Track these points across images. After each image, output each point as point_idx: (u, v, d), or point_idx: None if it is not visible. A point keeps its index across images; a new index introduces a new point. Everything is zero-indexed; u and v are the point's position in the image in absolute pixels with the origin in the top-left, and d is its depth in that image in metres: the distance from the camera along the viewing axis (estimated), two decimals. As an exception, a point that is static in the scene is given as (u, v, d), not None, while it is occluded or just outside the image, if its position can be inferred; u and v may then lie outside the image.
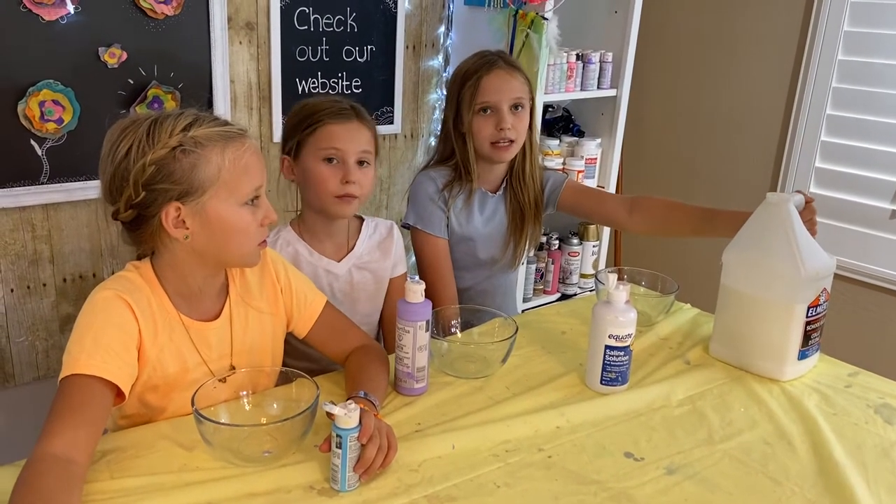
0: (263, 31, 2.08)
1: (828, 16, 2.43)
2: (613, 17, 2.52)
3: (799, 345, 1.35)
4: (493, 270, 1.79)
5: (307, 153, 1.45)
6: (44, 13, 1.71)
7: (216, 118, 1.10)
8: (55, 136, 1.79)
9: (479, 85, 1.62)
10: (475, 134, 1.65)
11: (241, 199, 1.08)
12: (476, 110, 1.63)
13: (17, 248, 1.82)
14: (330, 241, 1.55)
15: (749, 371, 1.39)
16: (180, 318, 1.13)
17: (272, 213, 1.13)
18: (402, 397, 1.23)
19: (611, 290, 1.26)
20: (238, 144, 1.08)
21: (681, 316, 1.63)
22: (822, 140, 2.51)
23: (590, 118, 2.65)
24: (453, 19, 2.46)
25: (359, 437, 0.97)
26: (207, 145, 1.04)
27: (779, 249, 1.33)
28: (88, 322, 1.04)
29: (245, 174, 1.07)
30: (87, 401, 0.99)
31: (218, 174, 1.05)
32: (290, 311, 1.26)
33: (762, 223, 1.38)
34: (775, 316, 1.34)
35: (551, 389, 1.29)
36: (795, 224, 1.34)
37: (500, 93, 1.62)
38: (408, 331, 1.20)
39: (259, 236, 1.12)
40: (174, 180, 1.04)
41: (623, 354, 1.27)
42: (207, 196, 1.05)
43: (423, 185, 1.69)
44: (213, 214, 1.06)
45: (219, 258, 1.13)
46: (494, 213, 1.75)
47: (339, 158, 1.44)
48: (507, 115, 1.63)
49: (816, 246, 1.35)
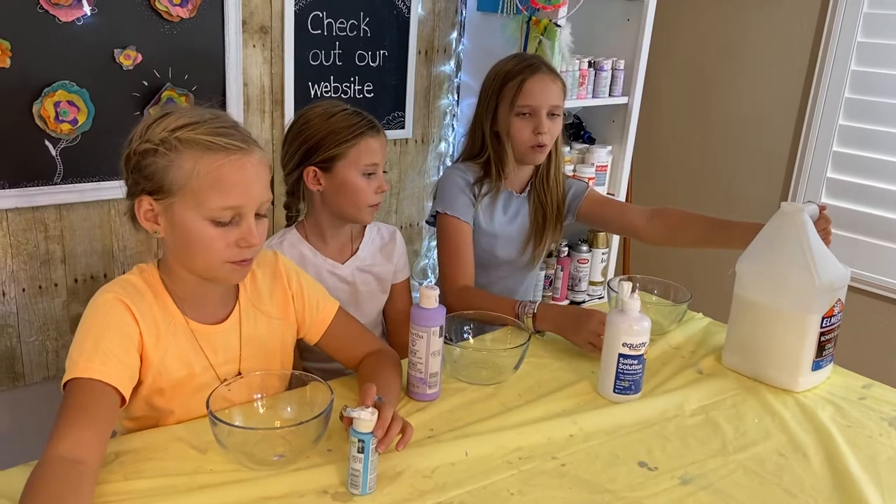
0: (277, 35, 2.08)
1: (841, 26, 2.43)
2: (626, 24, 2.52)
3: (813, 355, 1.34)
4: (510, 271, 1.80)
5: (345, 166, 1.47)
6: (60, 14, 1.72)
7: (221, 126, 1.06)
8: (69, 136, 1.80)
9: (522, 87, 1.63)
10: (513, 135, 1.66)
11: (207, 214, 1.04)
12: (516, 112, 1.64)
13: (30, 247, 1.82)
14: (335, 243, 1.57)
15: (762, 381, 1.38)
16: (186, 321, 1.13)
17: (252, 237, 1.06)
18: (414, 403, 1.23)
19: (625, 299, 1.26)
20: (218, 157, 1.03)
21: (693, 325, 1.62)
22: (833, 150, 2.51)
23: (601, 125, 2.65)
24: (466, 25, 2.46)
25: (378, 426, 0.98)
26: (184, 151, 1.03)
27: (793, 259, 1.32)
28: (89, 326, 1.05)
29: (215, 189, 1.03)
30: (91, 403, 0.99)
31: (187, 182, 1.03)
32: (302, 317, 1.26)
33: (776, 233, 1.37)
34: (789, 326, 1.34)
35: (564, 397, 1.29)
36: (810, 234, 1.33)
37: (541, 97, 1.64)
38: (421, 336, 1.20)
39: (229, 255, 1.06)
40: (146, 175, 1.05)
41: (637, 363, 1.26)
42: (176, 199, 1.04)
43: (454, 177, 1.71)
44: (178, 219, 1.06)
45: (187, 265, 1.10)
46: (518, 213, 1.76)
47: (375, 171, 1.49)
48: (545, 120, 1.64)
49: (831, 256, 1.35)
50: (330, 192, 1.50)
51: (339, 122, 1.47)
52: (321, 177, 1.49)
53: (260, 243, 1.08)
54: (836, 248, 1.42)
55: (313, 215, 1.56)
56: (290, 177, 1.54)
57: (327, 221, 1.54)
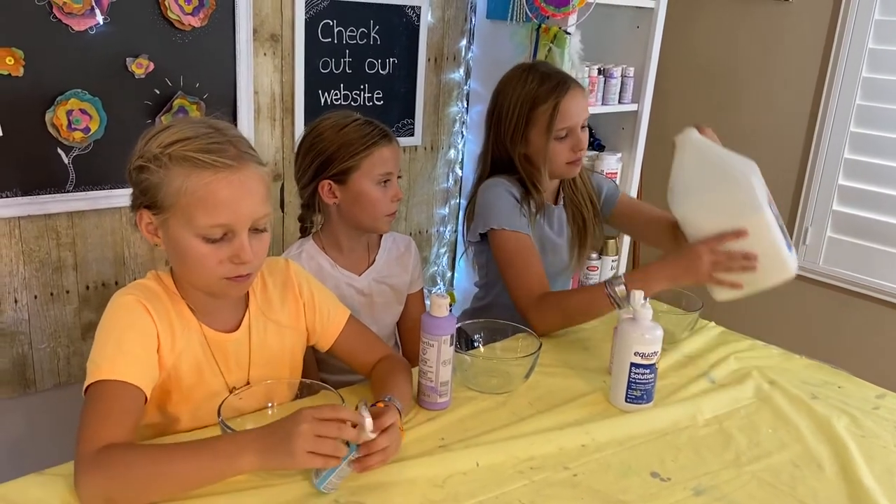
0: (288, 44, 2.09)
1: (852, 33, 2.42)
2: (635, 32, 2.52)
3: (783, 241, 1.37)
4: (558, 280, 1.76)
5: (360, 177, 1.46)
6: (73, 23, 1.73)
7: (214, 142, 1.04)
8: (82, 144, 1.81)
9: (558, 110, 1.57)
10: (551, 158, 1.61)
11: (197, 231, 1.03)
12: (554, 136, 1.59)
13: (42, 255, 1.83)
14: (352, 254, 1.56)
15: (763, 289, 1.39)
16: (200, 327, 1.13)
17: (246, 253, 1.04)
18: (425, 412, 1.23)
19: (637, 308, 1.25)
20: (206, 175, 1.02)
21: (705, 334, 1.61)
22: (845, 157, 2.49)
23: (610, 132, 2.64)
24: (475, 32, 2.46)
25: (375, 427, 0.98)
26: (174, 168, 1.02)
27: (713, 176, 1.36)
28: (109, 328, 1.05)
29: (202, 207, 1.02)
30: (117, 405, 0.99)
31: (177, 199, 1.03)
32: (313, 325, 1.25)
33: (685, 166, 1.41)
34: (752, 234, 1.34)
35: (575, 406, 1.28)
36: (709, 146, 1.40)
37: (577, 115, 1.60)
38: (432, 345, 1.20)
39: (224, 271, 1.06)
40: (143, 190, 1.06)
41: (649, 372, 1.26)
42: (169, 215, 1.05)
43: (501, 191, 1.61)
44: (172, 235, 1.06)
45: (186, 278, 1.11)
46: (561, 223, 1.73)
47: (389, 179, 1.49)
48: (581, 135, 1.61)
49: (730, 153, 1.39)
50: (346, 204, 1.49)
51: (351, 133, 1.47)
52: (336, 189, 1.48)
53: (255, 260, 1.07)
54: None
55: (330, 226, 1.55)
56: (304, 190, 1.53)
57: (344, 233, 1.54)
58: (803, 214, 2.60)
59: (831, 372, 1.49)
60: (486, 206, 1.62)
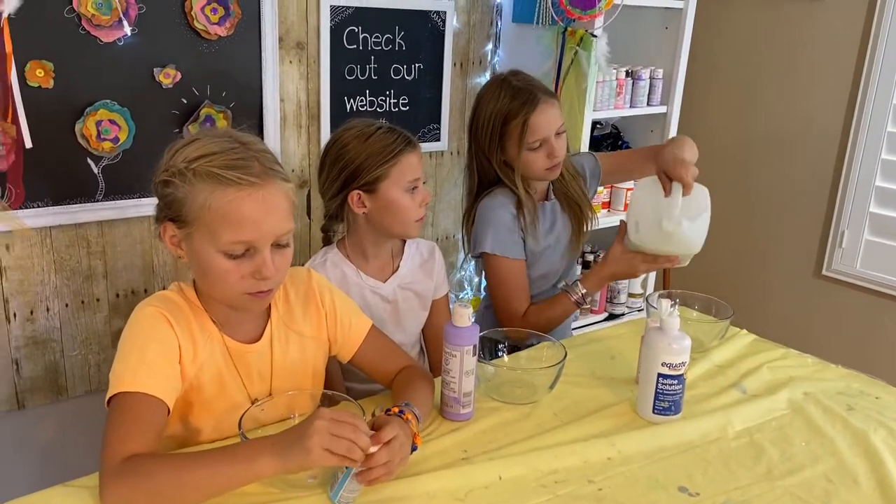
0: (313, 51, 2.10)
1: (888, 31, 2.35)
2: (664, 33, 2.48)
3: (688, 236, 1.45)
4: (565, 267, 1.81)
5: (389, 185, 1.46)
6: (101, 35, 1.75)
7: (239, 158, 1.04)
8: (111, 154, 1.83)
9: (528, 125, 1.60)
10: (528, 165, 1.65)
11: (220, 247, 1.03)
12: (527, 149, 1.63)
13: (73, 263, 1.86)
14: (376, 262, 1.55)
15: None
16: (223, 338, 1.13)
17: (268, 269, 1.04)
18: (448, 423, 1.21)
19: (664, 316, 1.23)
20: (230, 192, 1.01)
21: (736, 342, 1.58)
22: (882, 158, 2.42)
23: (639, 135, 2.61)
24: (501, 37, 2.45)
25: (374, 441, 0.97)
26: (198, 184, 1.02)
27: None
28: (132, 339, 1.06)
29: (226, 224, 1.02)
30: (140, 417, 1.00)
31: (200, 214, 1.03)
32: (334, 336, 1.25)
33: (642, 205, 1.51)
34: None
35: (601, 417, 1.26)
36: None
37: (548, 127, 1.62)
38: (455, 355, 1.19)
39: (245, 286, 1.06)
40: (167, 203, 1.06)
41: (677, 383, 1.23)
42: (193, 230, 1.05)
43: (499, 214, 1.66)
44: (195, 249, 1.06)
45: (208, 292, 1.11)
46: (554, 218, 1.76)
47: (417, 185, 1.49)
48: (555, 143, 1.63)
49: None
50: (375, 213, 1.49)
51: (376, 142, 1.46)
52: (366, 199, 1.47)
53: (277, 275, 1.07)
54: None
55: (355, 234, 1.54)
56: (332, 202, 1.52)
57: (370, 240, 1.53)
58: (839, 217, 2.53)
59: (868, 382, 1.45)
60: (481, 226, 1.68)
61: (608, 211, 2.54)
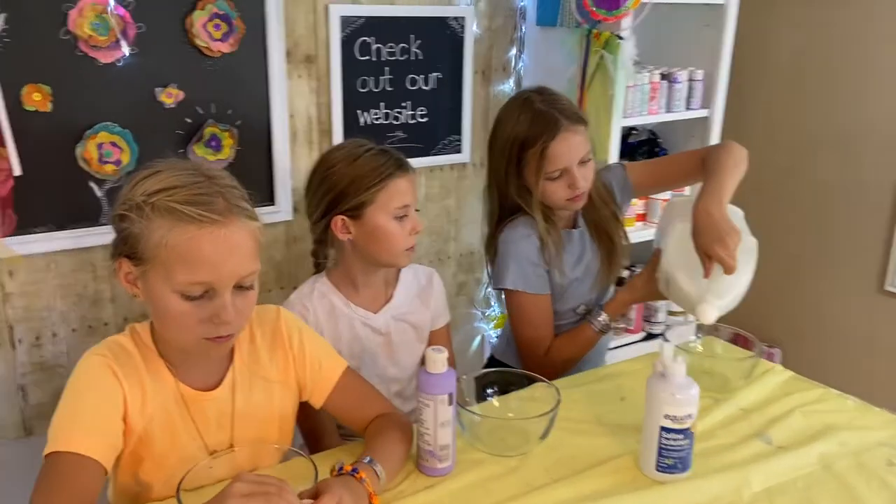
0: (323, 64, 2.02)
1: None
2: (704, 31, 2.30)
3: None
4: (597, 293, 1.66)
5: (375, 211, 1.37)
6: (100, 56, 1.71)
7: (202, 193, 0.97)
8: (114, 177, 1.80)
9: (546, 154, 1.45)
10: (547, 196, 1.51)
11: (175, 288, 0.97)
12: (546, 178, 1.48)
13: (79, 288, 1.84)
14: (367, 291, 1.46)
15: None
16: (177, 384, 1.06)
17: (227, 313, 0.97)
18: (423, 478, 1.10)
19: (667, 363, 1.08)
20: (189, 229, 0.95)
21: (768, 381, 1.41)
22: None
23: (678, 141, 2.43)
24: (525, 41, 2.31)
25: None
26: (156, 219, 0.95)
27: None
28: (72, 393, 1.01)
29: (182, 263, 0.95)
30: (70, 480, 0.94)
31: (157, 252, 0.96)
32: (303, 380, 1.16)
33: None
34: None
35: (599, 474, 1.12)
36: None
37: (569, 157, 1.46)
38: (428, 404, 1.08)
39: (203, 331, 0.99)
40: (123, 237, 1.00)
41: (682, 438, 1.08)
42: (149, 267, 0.98)
43: (521, 247, 1.53)
44: (151, 288, 0.99)
45: (165, 335, 1.04)
46: (583, 247, 1.61)
47: (407, 213, 1.39)
48: (577, 174, 1.47)
49: None
50: (361, 240, 1.40)
51: (364, 164, 1.37)
52: (350, 225, 1.39)
53: (238, 319, 0.99)
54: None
55: (344, 262, 1.46)
56: (316, 226, 1.45)
57: (359, 268, 1.45)
58: (905, 226, 2.30)
59: (918, 430, 1.26)
60: (503, 260, 1.55)
61: (644, 224, 2.38)
